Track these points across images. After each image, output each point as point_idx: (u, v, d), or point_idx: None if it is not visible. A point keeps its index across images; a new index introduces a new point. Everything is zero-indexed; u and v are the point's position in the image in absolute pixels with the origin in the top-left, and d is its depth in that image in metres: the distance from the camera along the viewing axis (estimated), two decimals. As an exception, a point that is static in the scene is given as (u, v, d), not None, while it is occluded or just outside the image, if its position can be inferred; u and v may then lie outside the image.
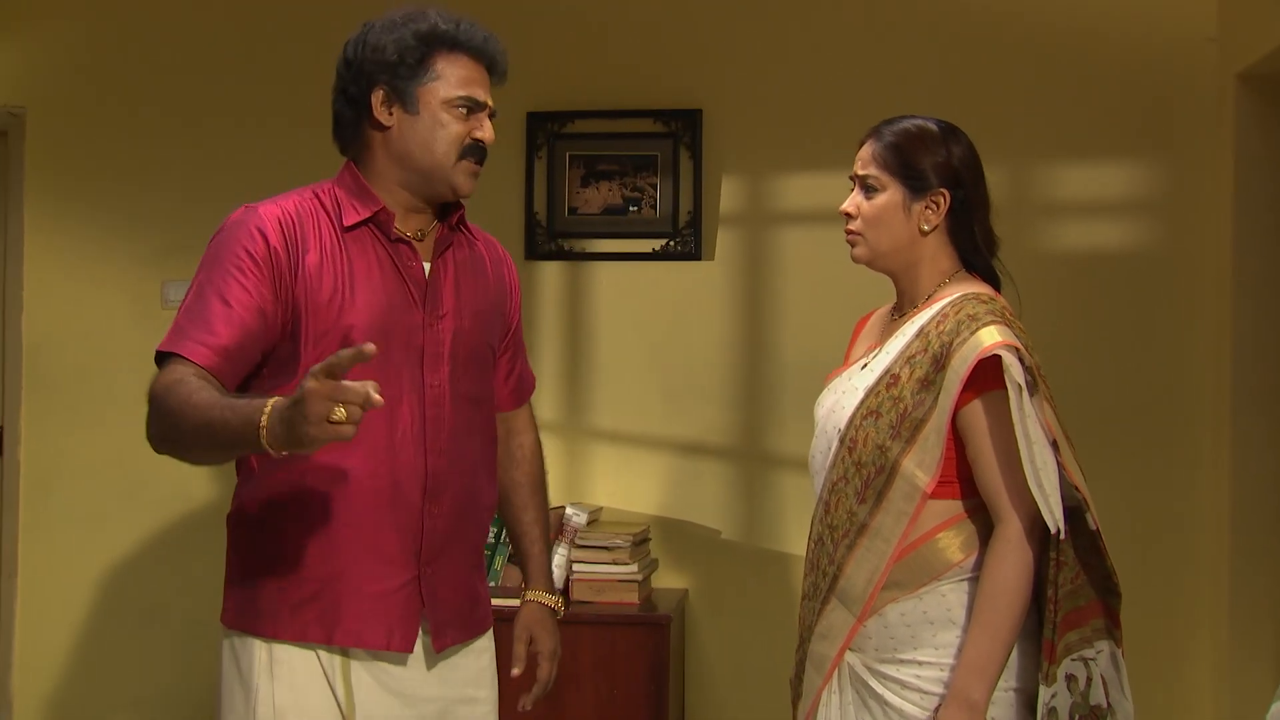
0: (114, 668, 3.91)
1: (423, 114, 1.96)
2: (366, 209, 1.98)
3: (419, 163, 1.98)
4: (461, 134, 1.98)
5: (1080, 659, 1.89)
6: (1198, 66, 3.48)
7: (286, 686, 1.92)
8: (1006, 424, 1.83)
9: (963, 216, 1.99)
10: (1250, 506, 3.32)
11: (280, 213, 1.95)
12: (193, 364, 1.83)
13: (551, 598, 2.26)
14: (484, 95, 2.00)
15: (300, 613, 1.93)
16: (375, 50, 1.96)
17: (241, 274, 1.89)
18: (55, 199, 3.96)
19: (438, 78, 1.96)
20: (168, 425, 1.79)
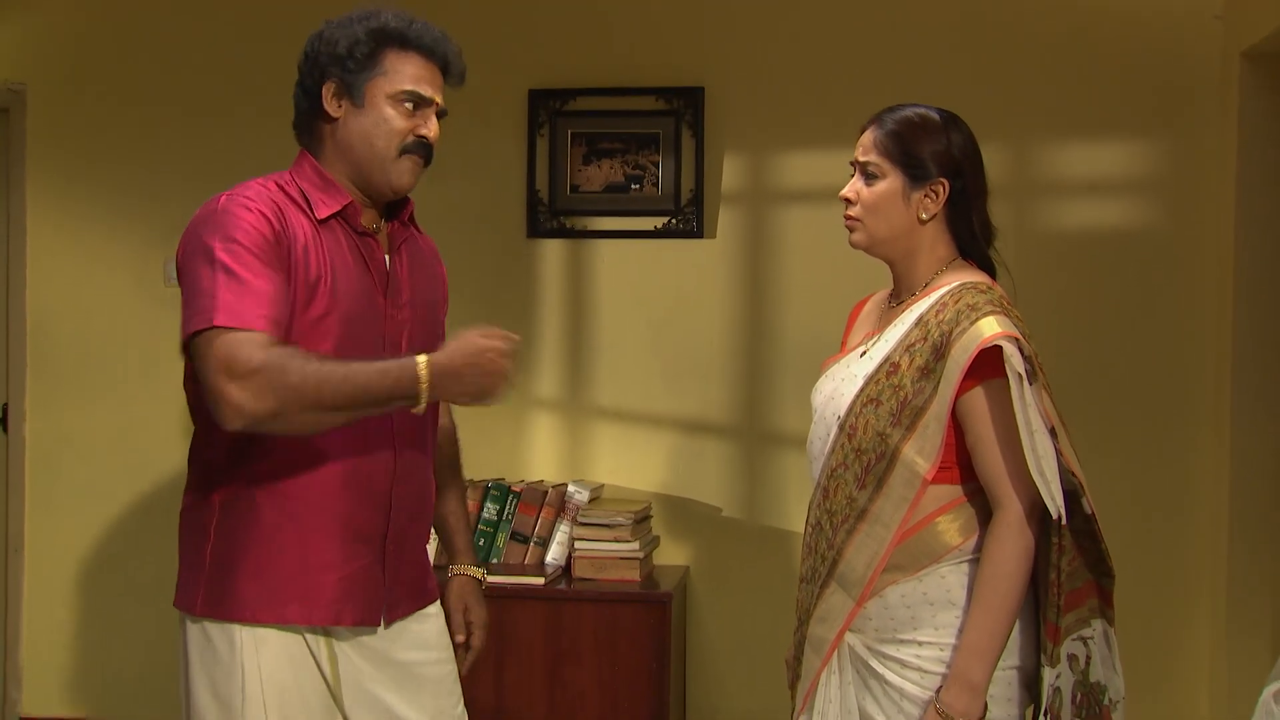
0: (120, 642, 3.94)
1: (368, 108, 2.01)
2: (336, 202, 2.02)
3: (360, 154, 2.02)
4: (403, 129, 2.01)
5: (1080, 639, 1.92)
6: (1203, 44, 3.47)
7: (272, 661, 1.96)
8: (1007, 412, 1.85)
9: (961, 206, 1.99)
10: (1249, 485, 3.33)
11: (264, 201, 1.96)
12: (257, 333, 1.82)
13: (478, 570, 2.36)
14: (431, 92, 2.03)
15: (280, 596, 1.96)
16: (329, 44, 2.02)
17: (263, 250, 1.89)
18: (57, 177, 3.97)
19: (385, 73, 2.01)
20: (300, 394, 1.81)
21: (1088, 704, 1.91)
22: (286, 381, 1.80)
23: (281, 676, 1.95)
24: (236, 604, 1.95)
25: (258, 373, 1.79)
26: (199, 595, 1.99)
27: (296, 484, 1.96)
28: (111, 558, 3.94)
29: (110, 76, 3.94)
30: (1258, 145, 3.32)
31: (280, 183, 2.04)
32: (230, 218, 1.91)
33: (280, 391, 1.80)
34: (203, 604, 1.98)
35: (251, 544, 1.96)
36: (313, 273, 1.95)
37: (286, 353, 1.83)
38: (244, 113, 3.87)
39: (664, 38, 3.71)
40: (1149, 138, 3.52)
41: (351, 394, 1.83)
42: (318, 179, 2.04)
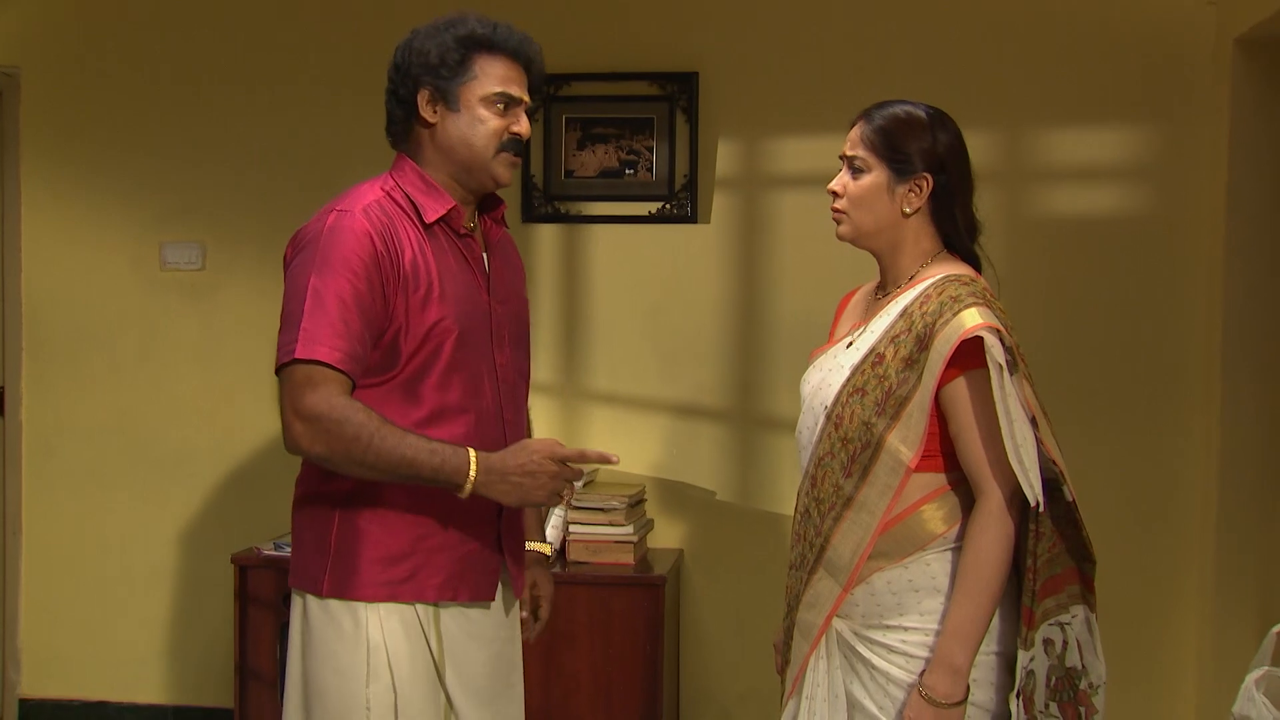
0: (118, 625, 3.97)
1: (463, 111, 2.12)
2: (442, 206, 2.14)
3: (461, 155, 2.14)
4: (499, 128, 2.13)
5: (1057, 623, 1.96)
6: (1196, 30, 3.47)
7: (395, 637, 2.09)
8: (988, 401, 1.89)
9: (945, 201, 2.03)
10: (1238, 472, 3.35)
11: (374, 215, 2.07)
12: (334, 369, 1.99)
13: (546, 546, 2.47)
14: (519, 91, 2.15)
15: (398, 575, 2.09)
16: (420, 54, 2.13)
17: (357, 278, 2.01)
18: (51, 161, 3.97)
19: (476, 77, 2.12)
20: (349, 450, 1.97)
21: (1063, 687, 1.96)
22: (343, 434, 1.96)
23: (400, 651, 2.09)
24: (362, 585, 2.08)
25: (320, 420, 1.97)
26: (325, 577, 2.10)
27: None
28: (109, 540, 3.97)
29: (104, 60, 3.94)
30: (1249, 132, 3.32)
31: (386, 189, 2.14)
32: (336, 240, 2.03)
33: (333, 443, 1.97)
34: (330, 585, 2.10)
35: (374, 529, 2.09)
36: (422, 281, 2.07)
37: (353, 408, 1.98)
38: (240, 96, 3.88)
39: (658, 23, 3.72)
40: (1141, 124, 3.53)
41: (397, 465, 1.98)
42: (421, 183, 2.15)
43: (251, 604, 3.55)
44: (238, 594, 3.55)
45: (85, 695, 3.98)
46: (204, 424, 3.91)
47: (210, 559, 3.87)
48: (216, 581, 3.86)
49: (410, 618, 2.10)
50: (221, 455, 3.91)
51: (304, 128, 3.85)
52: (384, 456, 1.97)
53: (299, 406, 1.98)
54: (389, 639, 2.09)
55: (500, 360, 2.19)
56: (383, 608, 2.09)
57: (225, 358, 3.90)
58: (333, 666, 2.09)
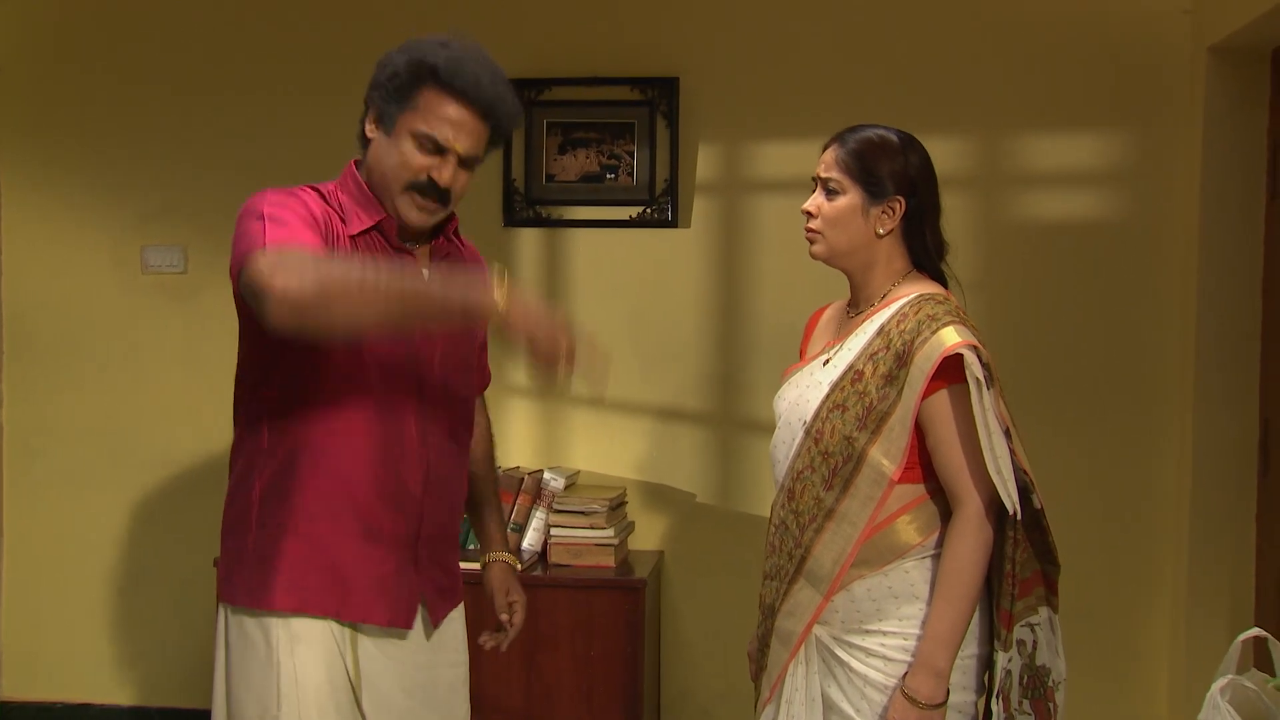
0: (99, 627, 3.98)
1: (394, 137, 2.02)
2: (370, 217, 2.04)
3: (376, 179, 2.05)
4: (417, 166, 2.00)
5: (1028, 625, 2.04)
6: (1172, 38, 3.50)
7: (306, 659, 2.01)
8: (967, 415, 1.95)
9: (916, 222, 2.09)
10: (1211, 475, 3.39)
11: (313, 201, 1.99)
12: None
13: (512, 557, 2.45)
14: (455, 140, 2.00)
15: (314, 589, 2.02)
16: (381, 67, 2.05)
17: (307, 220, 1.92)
18: (31, 163, 3.96)
19: (416, 109, 2.00)
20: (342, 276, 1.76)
21: (1034, 685, 2.04)
22: (329, 265, 1.78)
23: (315, 672, 2.00)
24: (274, 595, 2.00)
25: (300, 259, 1.77)
26: (240, 586, 2.04)
27: (331, 485, 2.02)
28: (90, 542, 3.97)
29: (86, 60, 3.93)
30: (1223, 139, 3.36)
31: (324, 193, 2.05)
32: (280, 194, 1.96)
33: (322, 271, 1.75)
34: (243, 594, 2.03)
35: (289, 539, 2.02)
36: None
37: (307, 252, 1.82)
38: (224, 96, 3.88)
39: (639, 28, 3.73)
40: (1116, 130, 3.56)
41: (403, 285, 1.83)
42: (357, 192, 2.06)
43: (234, 607, 3.56)
44: (220, 597, 3.56)
45: (67, 697, 3.98)
46: (186, 427, 3.91)
47: (192, 561, 3.88)
48: (198, 584, 3.86)
49: (325, 634, 2.02)
50: (203, 458, 3.91)
51: (286, 131, 3.85)
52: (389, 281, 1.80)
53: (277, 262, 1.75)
54: (299, 659, 2.00)
55: (430, 382, 2.09)
56: (295, 622, 2.01)
57: (207, 360, 3.90)
58: (246, 686, 2.03)
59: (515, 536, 3.59)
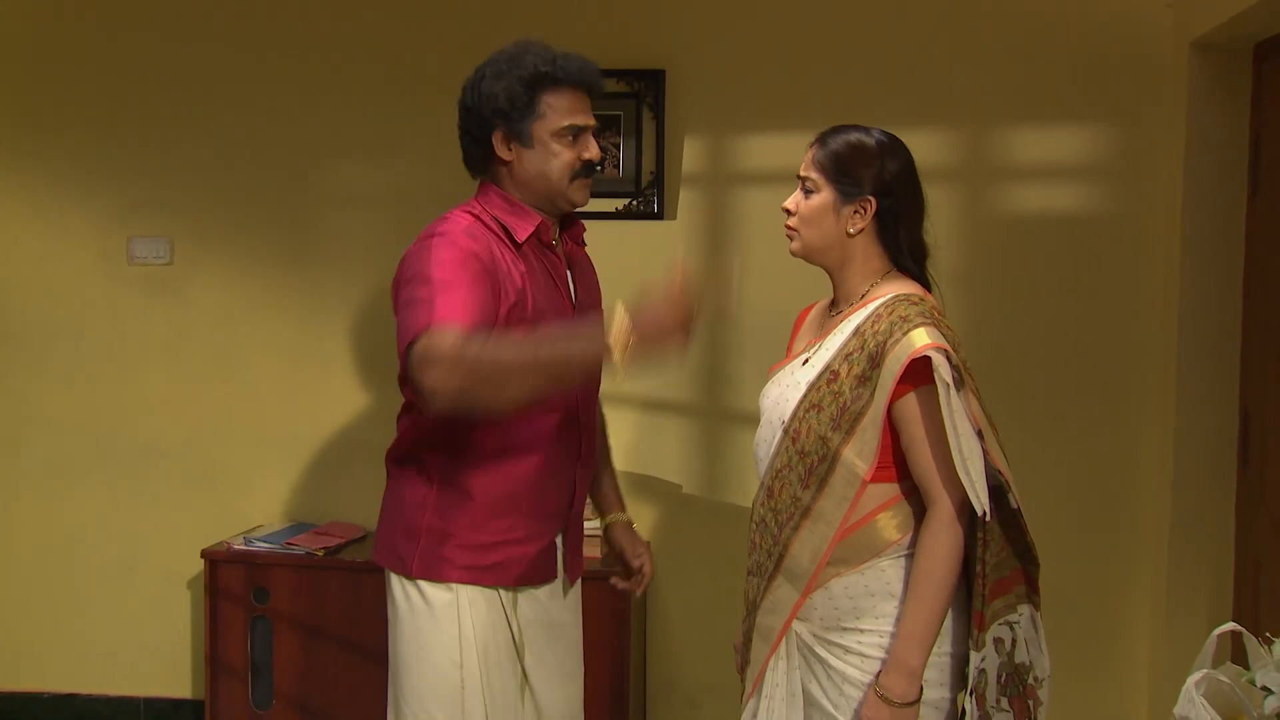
0: (86, 617, 3.99)
1: (537, 146, 2.28)
2: (530, 224, 2.30)
3: (539, 187, 2.31)
4: (571, 159, 2.30)
5: (1006, 623, 2.07)
6: (1155, 33, 3.52)
7: (481, 624, 2.28)
8: (936, 417, 1.98)
9: (890, 223, 2.12)
10: (1191, 468, 3.42)
11: (475, 234, 2.21)
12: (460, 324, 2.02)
13: (629, 517, 2.70)
14: (585, 119, 2.31)
15: (484, 562, 2.29)
16: (490, 99, 2.27)
17: (477, 265, 2.14)
18: (16, 153, 3.95)
19: (544, 114, 2.27)
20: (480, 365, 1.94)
21: (1012, 683, 2.07)
22: (469, 355, 1.94)
23: (485, 630, 2.28)
24: (449, 568, 2.27)
25: (446, 355, 1.95)
26: (414, 559, 2.30)
27: (502, 471, 2.28)
28: (77, 534, 3.98)
29: (72, 50, 3.92)
30: (1205, 134, 3.38)
31: (475, 213, 2.29)
32: (444, 242, 2.17)
33: (466, 365, 1.94)
34: (418, 567, 2.30)
35: (464, 519, 2.28)
36: (515, 295, 2.21)
37: (478, 337, 1.99)
38: (211, 88, 3.87)
39: (625, 20, 3.74)
40: (1099, 124, 3.58)
41: (532, 368, 1.97)
42: (507, 205, 2.30)
43: (222, 598, 3.58)
44: (208, 588, 3.58)
45: (54, 688, 4.00)
46: (173, 418, 3.92)
47: (179, 553, 3.89)
48: (186, 575, 3.88)
49: (494, 600, 2.30)
50: (190, 450, 3.92)
51: (273, 122, 3.85)
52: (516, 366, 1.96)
53: (428, 357, 1.95)
54: (476, 619, 2.27)
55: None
56: (469, 589, 2.28)
57: (194, 352, 3.91)
58: (419, 644, 2.28)
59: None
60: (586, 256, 2.53)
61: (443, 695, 2.26)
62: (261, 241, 3.86)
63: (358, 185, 3.84)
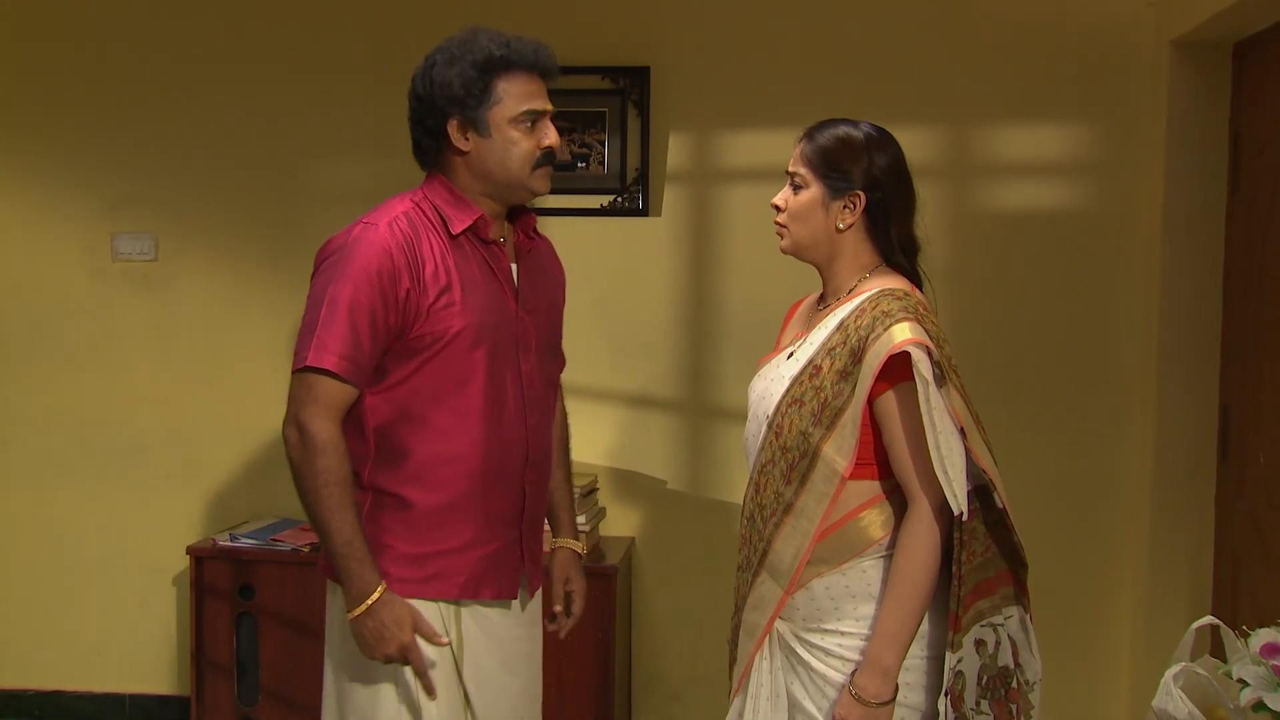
0: (72, 614, 3.98)
1: (494, 135, 2.18)
2: (468, 217, 2.20)
3: (499, 177, 2.21)
4: (531, 148, 2.20)
5: (990, 625, 2.03)
6: (1136, 31, 3.55)
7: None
8: (916, 414, 1.95)
9: (879, 218, 2.09)
10: (1172, 462, 3.45)
11: (398, 228, 2.14)
12: (337, 379, 2.10)
13: (579, 544, 2.56)
14: (542, 103, 2.22)
15: (421, 574, 2.19)
16: (443, 86, 2.17)
17: (372, 289, 2.09)
18: (1, 148, 3.94)
19: (501, 100, 2.17)
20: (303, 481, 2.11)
21: (995, 686, 2.03)
22: (311, 465, 2.09)
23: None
24: (387, 579, 2.15)
25: (306, 439, 2.09)
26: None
27: (440, 479, 2.19)
28: (63, 530, 3.97)
29: (55, 49, 3.91)
30: (1186, 132, 3.41)
31: (415, 201, 2.21)
32: (356, 252, 2.11)
33: (301, 464, 2.10)
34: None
35: (401, 528, 2.19)
36: (444, 290, 2.14)
37: (334, 451, 2.10)
38: (193, 86, 3.87)
39: (611, 17, 3.75)
40: (1081, 122, 3.61)
41: (320, 526, 2.11)
42: (450, 196, 2.21)
43: (207, 594, 3.58)
44: (194, 584, 3.58)
45: (39, 684, 4.00)
46: (158, 415, 3.92)
47: (165, 549, 3.89)
48: (171, 571, 3.88)
49: (432, 614, 2.19)
50: (176, 446, 3.92)
51: (257, 118, 3.85)
52: (320, 522, 2.10)
53: (299, 415, 2.09)
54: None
55: (525, 367, 2.26)
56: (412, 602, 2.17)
57: (179, 348, 3.91)
58: (356, 656, 2.19)
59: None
60: (549, 249, 2.44)
61: (387, 710, 2.19)
62: (247, 238, 3.86)
63: (343, 181, 3.84)
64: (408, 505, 2.18)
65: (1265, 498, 3.07)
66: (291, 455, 2.11)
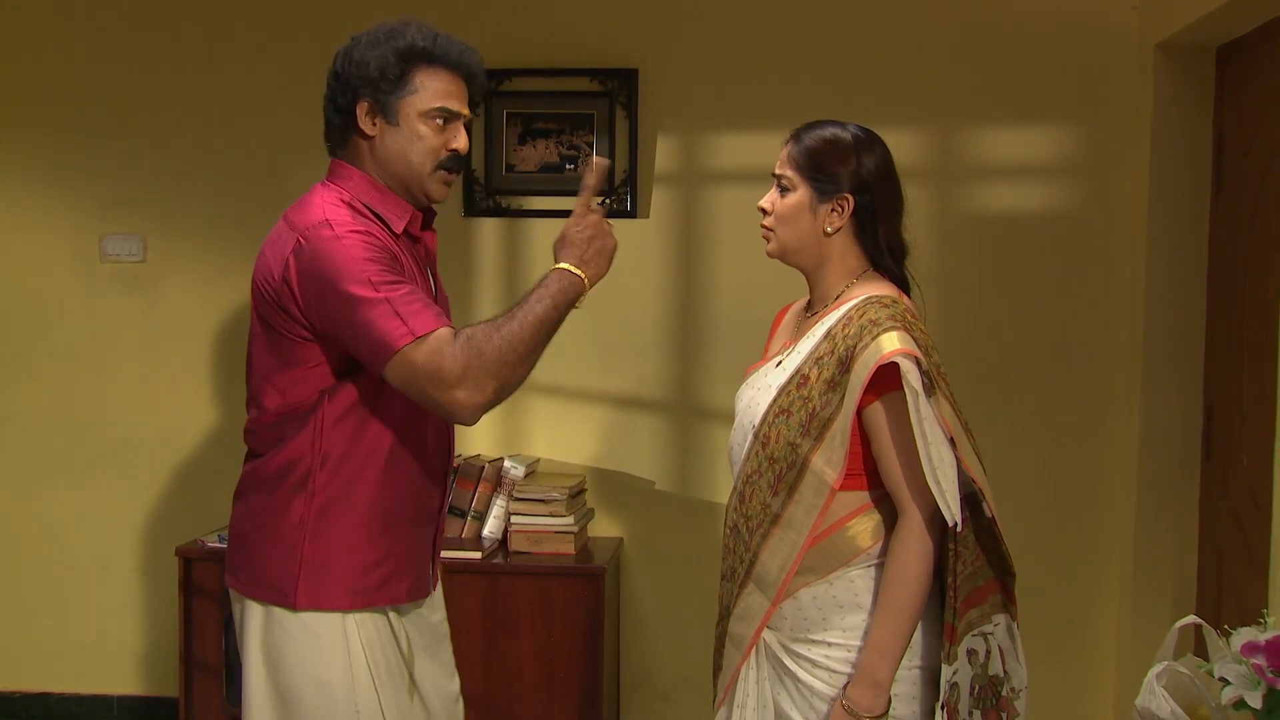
0: (59, 615, 3.97)
1: (402, 125, 2.13)
2: (404, 213, 2.17)
3: (398, 170, 2.15)
4: (437, 145, 2.15)
5: (980, 634, 2.02)
6: (1120, 34, 3.57)
7: (371, 649, 2.15)
8: (906, 425, 1.92)
9: (867, 221, 2.07)
10: (1157, 459, 3.48)
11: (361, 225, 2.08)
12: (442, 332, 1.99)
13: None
14: (459, 106, 2.16)
15: (373, 582, 2.14)
16: (360, 66, 2.12)
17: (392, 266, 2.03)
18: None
19: (416, 91, 2.12)
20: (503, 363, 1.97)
21: (986, 695, 2.02)
22: (489, 362, 1.96)
23: (374, 651, 2.15)
24: (340, 595, 2.12)
25: (466, 370, 1.95)
26: (297, 589, 2.12)
27: (390, 478, 2.14)
28: (50, 531, 3.96)
29: (45, 49, 3.90)
30: (1170, 134, 3.43)
31: (346, 200, 2.13)
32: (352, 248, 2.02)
33: (493, 371, 1.96)
34: (304, 598, 2.12)
35: (346, 538, 2.12)
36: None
37: (473, 336, 1.98)
38: (184, 85, 3.86)
39: (599, 20, 3.75)
40: (1067, 124, 3.63)
41: (537, 332, 2.01)
42: (376, 193, 2.16)
43: (196, 596, 3.58)
44: (182, 586, 3.57)
45: (26, 687, 3.99)
46: (147, 416, 3.91)
47: (153, 550, 3.89)
48: (159, 573, 3.87)
49: (383, 623, 2.16)
50: (165, 447, 3.92)
51: (244, 119, 3.85)
52: (529, 338, 1.99)
53: (443, 378, 1.95)
54: (365, 641, 2.14)
55: None
56: (358, 615, 2.13)
57: (168, 349, 3.90)
58: (313, 677, 2.11)
59: (475, 524, 3.63)
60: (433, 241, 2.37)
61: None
62: (235, 238, 3.85)
63: (331, 183, 3.84)
64: (355, 510, 2.12)
65: (1249, 497, 3.09)
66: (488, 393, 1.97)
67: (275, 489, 2.14)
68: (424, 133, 2.12)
